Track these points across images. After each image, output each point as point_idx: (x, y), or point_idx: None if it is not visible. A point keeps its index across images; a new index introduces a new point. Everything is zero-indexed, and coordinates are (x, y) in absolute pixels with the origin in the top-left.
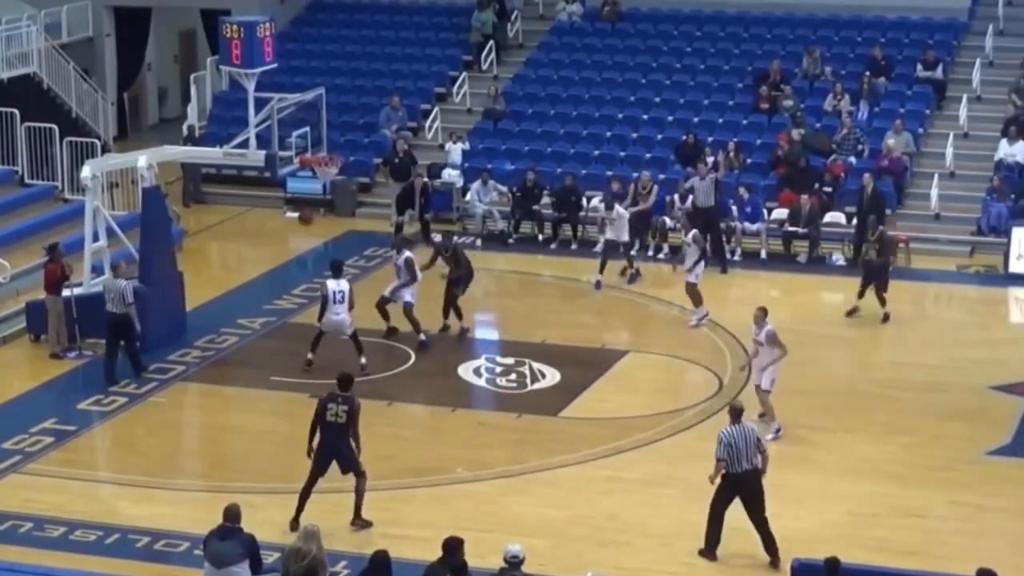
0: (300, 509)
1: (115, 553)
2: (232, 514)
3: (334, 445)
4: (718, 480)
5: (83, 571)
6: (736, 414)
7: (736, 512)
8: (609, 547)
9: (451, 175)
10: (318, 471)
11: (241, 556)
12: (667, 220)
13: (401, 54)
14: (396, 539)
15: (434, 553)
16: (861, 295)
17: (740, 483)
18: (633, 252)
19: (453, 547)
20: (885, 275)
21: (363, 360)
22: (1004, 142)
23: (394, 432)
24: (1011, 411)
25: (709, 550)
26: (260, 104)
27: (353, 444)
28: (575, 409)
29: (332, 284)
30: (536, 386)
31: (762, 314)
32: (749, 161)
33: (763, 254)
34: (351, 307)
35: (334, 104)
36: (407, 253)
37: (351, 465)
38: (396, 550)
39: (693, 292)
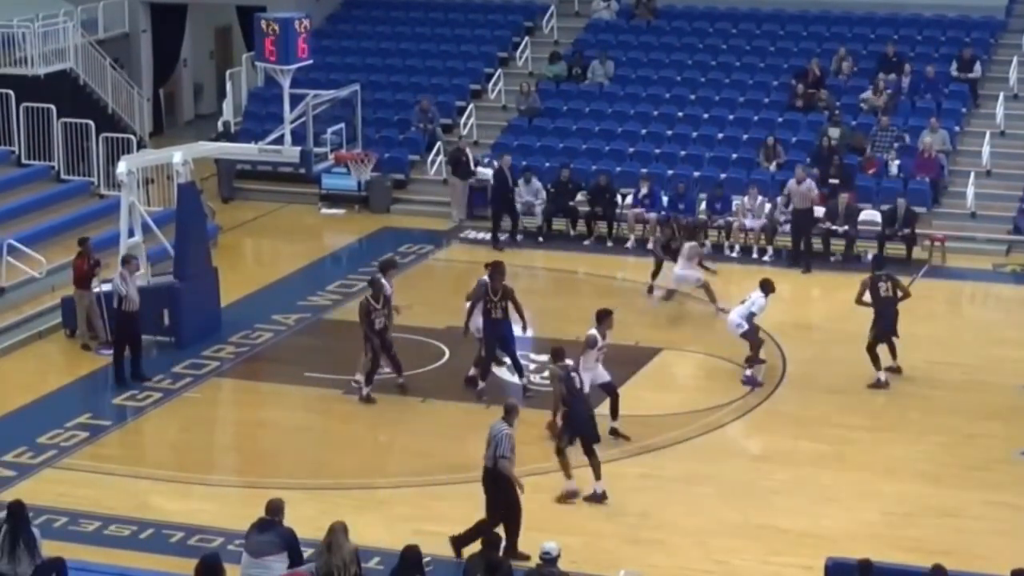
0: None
1: (149, 548)
2: (273, 508)
3: None
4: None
5: (118, 565)
6: (504, 411)
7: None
8: (642, 545)
9: (485, 173)
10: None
11: (278, 548)
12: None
13: (436, 51)
14: (429, 535)
15: (467, 549)
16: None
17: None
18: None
19: (490, 543)
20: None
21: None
22: None
23: (428, 429)
24: None
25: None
26: (295, 100)
27: None
28: (609, 406)
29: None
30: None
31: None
32: (785, 158)
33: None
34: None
35: (369, 101)
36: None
37: None
38: (428, 546)
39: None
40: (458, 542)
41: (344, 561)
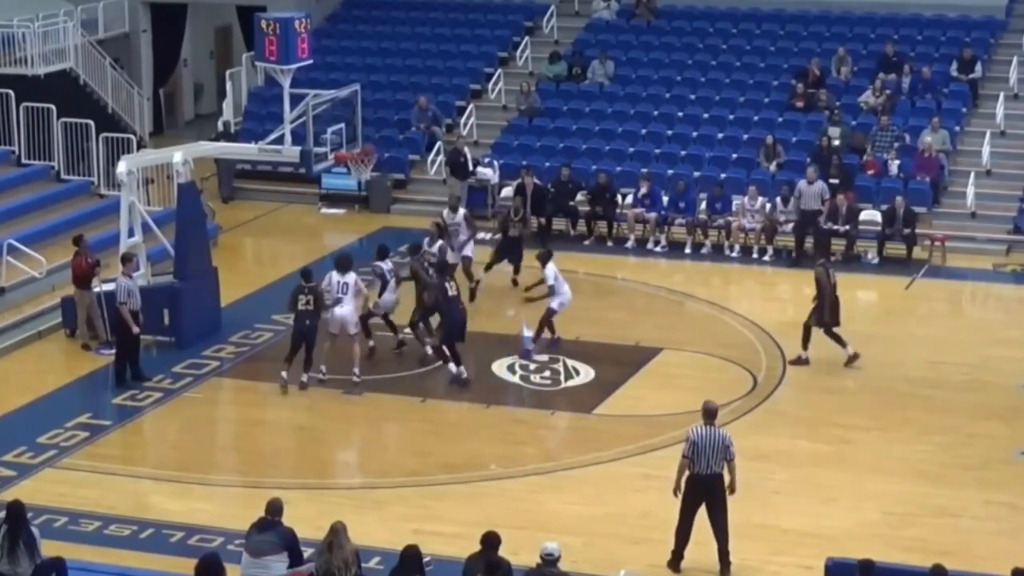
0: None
1: (149, 548)
2: (273, 507)
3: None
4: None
5: (118, 565)
6: (708, 414)
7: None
8: (642, 545)
9: (485, 172)
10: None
11: (278, 548)
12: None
13: (436, 51)
14: (428, 535)
15: (466, 550)
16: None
17: (703, 486)
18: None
19: (491, 542)
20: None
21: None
22: None
23: (428, 428)
24: None
25: (674, 558)
26: (295, 100)
27: None
28: (609, 406)
29: (336, 277)
30: (570, 383)
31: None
32: (785, 158)
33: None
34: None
35: (369, 100)
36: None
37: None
38: (428, 546)
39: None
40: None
41: (345, 561)
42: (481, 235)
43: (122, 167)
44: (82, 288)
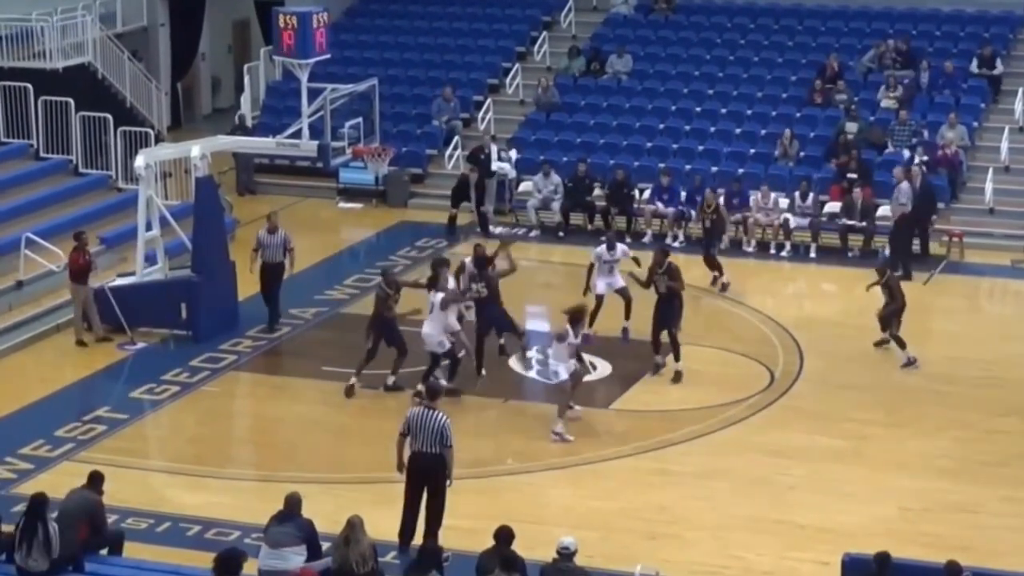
0: None
1: (166, 541)
2: (292, 502)
3: None
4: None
5: (134, 559)
6: (431, 394)
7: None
8: (659, 540)
9: (503, 168)
10: None
11: (297, 540)
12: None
13: (454, 45)
14: (445, 530)
15: (484, 544)
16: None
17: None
18: None
19: (504, 537)
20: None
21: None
22: None
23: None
24: None
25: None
26: (313, 94)
27: None
28: (626, 401)
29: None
30: (587, 378)
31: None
32: (803, 154)
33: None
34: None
35: (387, 95)
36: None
37: None
38: (445, 541)
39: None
40: None
41: (362, 556)
42: None
43: (140, 161)
44: (78, 283)
